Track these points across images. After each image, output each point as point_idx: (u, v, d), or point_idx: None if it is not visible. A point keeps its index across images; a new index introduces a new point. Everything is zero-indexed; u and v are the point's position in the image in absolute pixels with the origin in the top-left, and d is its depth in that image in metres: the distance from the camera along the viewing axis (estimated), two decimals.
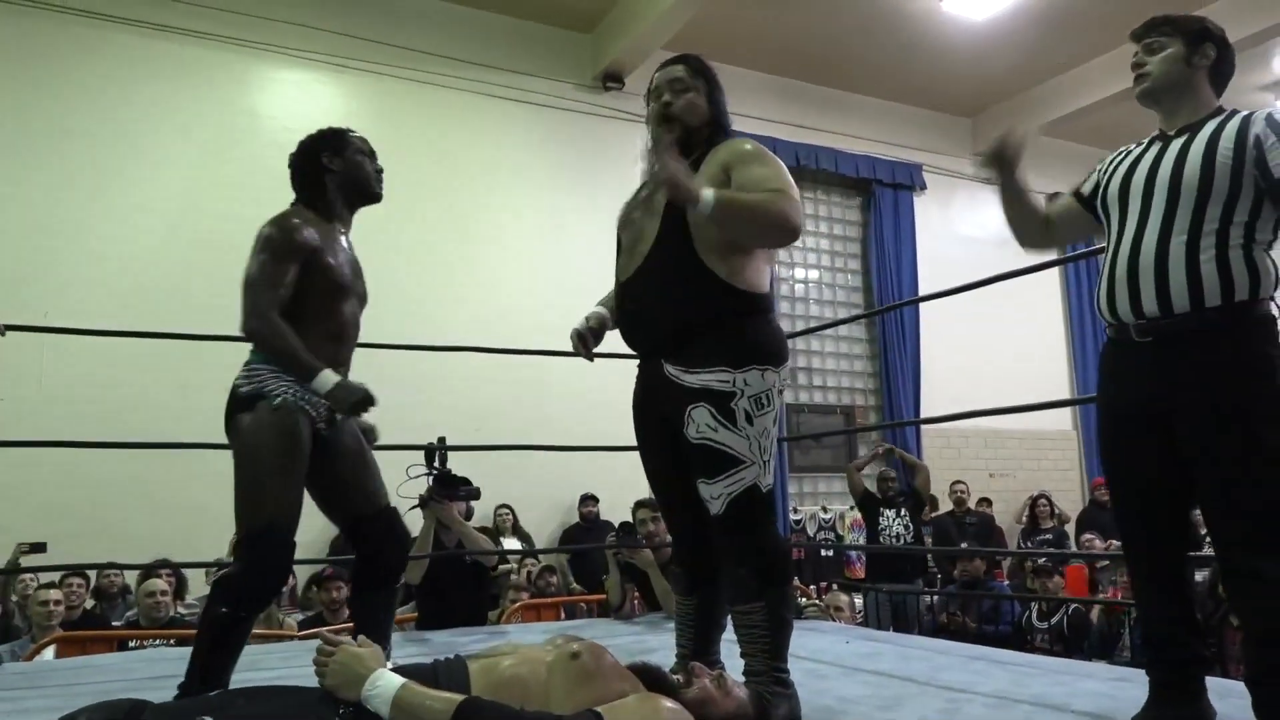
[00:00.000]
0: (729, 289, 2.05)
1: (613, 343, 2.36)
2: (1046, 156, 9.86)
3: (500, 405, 6.76)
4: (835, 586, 6.25)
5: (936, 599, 6.24)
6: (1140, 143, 2.04)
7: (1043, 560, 5.98)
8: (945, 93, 9.24)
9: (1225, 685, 2.23)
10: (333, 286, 2.28)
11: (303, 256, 2.22)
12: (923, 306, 8.71)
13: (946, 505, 8.10)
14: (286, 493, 2.15)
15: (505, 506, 6.73)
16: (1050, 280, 10.02)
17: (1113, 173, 2.04)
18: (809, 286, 9.16)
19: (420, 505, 3.75)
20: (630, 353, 2.26)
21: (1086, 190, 2.12)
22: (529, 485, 6.80)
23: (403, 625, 4.24)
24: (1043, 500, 8.23)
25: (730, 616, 2.16)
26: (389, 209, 2.60)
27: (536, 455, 6.10)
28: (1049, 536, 7.88)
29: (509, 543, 6.36)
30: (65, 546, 4.86)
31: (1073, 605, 5.45)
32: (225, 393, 2.22)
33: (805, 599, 4.98)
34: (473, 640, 3.34)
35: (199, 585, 5.33)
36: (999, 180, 2.16)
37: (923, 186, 9.49)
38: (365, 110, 6.74)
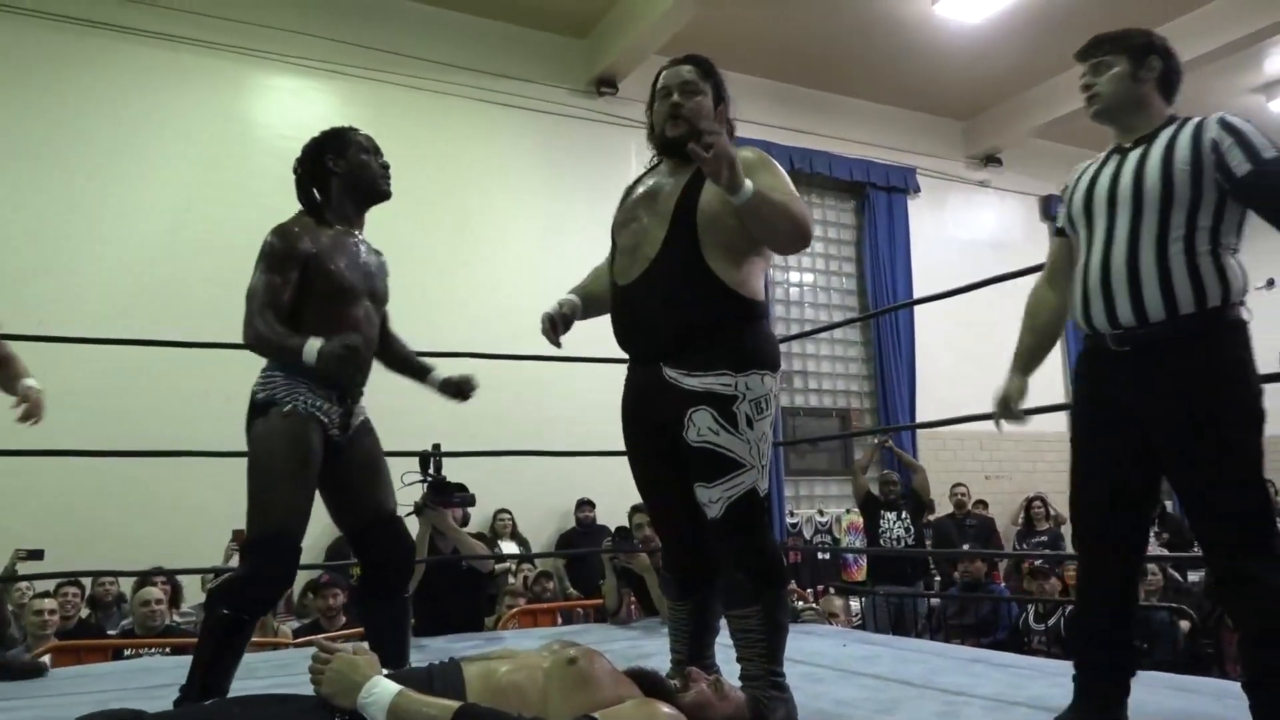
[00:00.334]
0: (732, 294, 2.06)
1: (609, 347, 2.36)
2: (1040, 159, 9.93)
3: (496, 410, 6.71)
4: (831, 590, 6.23)
5: (936, 601, 6.23)
6: (1098, 158, 2.08)
7: (1039, 562, 5.97)
8: (939, 96, 9.26)
9: (1224, 686, 2.23)
10: (335, 290, 2.28)
11: (300, 264, 2.23)
12: (917, 309, 8.69)
13: (946, 508, 8.10)
14: (295, 498, 2.16)
15: (505, 511, 6.73)
16: None
17: (1075, 189, 2.08)
18: (804, 290, 9.16)
19: (415, 512, 3.74)
20: (624, 357, 2.25)
21: (1061, 221, 2.16)
22: (525, 490, 6.79)
23: None
24: (1038, 502, 8.23)
25: (726, 621, 2.15)
26: (385, 213, 2.59)
27: (533, 460, 6.08)
28: (1044, 539, 7.89)
29: (507, 546, 6.35)
30: (62, 552, 4.83)
31: (1070, 607, 5.44)
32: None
33: (802, 603, 4.98)
34: (469, 646, 3.33)
35: (194, 593, 5.31)
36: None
37: (917, 190, 9.50)
38: (360, 116, 6.53)
